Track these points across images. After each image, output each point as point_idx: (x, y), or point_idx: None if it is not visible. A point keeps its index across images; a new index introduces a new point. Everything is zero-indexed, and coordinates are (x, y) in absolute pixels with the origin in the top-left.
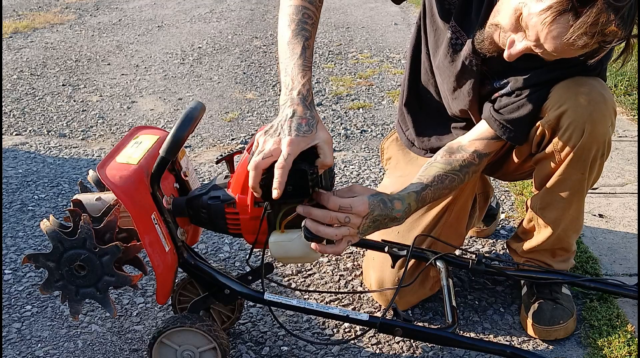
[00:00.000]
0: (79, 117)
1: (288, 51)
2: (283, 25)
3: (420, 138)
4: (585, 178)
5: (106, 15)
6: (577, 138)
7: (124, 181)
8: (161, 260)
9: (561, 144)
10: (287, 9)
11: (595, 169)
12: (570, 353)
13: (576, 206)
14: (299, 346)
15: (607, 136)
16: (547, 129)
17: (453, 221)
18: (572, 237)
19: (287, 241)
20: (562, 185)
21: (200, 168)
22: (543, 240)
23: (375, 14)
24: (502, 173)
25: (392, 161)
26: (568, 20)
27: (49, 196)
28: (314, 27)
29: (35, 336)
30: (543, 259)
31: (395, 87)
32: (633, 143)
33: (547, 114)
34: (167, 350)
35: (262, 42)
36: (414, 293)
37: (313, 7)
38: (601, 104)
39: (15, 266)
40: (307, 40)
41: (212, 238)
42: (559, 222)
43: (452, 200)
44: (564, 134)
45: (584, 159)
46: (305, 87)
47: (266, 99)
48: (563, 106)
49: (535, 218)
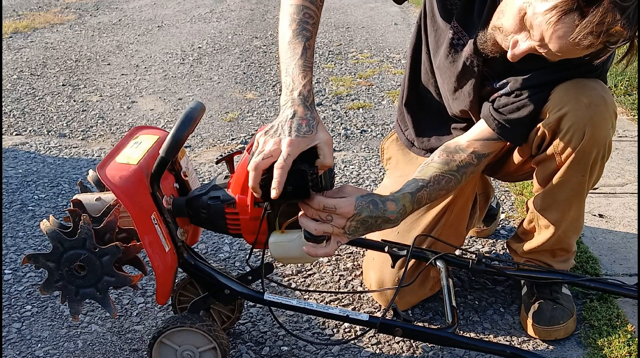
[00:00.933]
0: (79, 117)
1: (289, 51)
2: (284, 25)
3: (420, 138)
4: (586, 179)
5: (106, 15)
6: (577, 140)
7: (124, 181)
8: (161, 260)
9: (562, 147)
10: (288, 8)
11: (596, 171)
12: (570, 353)
13: (576, 208)
14: (299, 346)
15: (607, 138)
16: (548, 131)
17: (454, 221)
18: (572, 238)
19: (286, 242)
20: (562, 187)
21: (200, 168)
22: (543, 240)
23: (375, 14)
24: (503, 174)
25: (392, 161)
26: (574, 19)
27: (49, 196)
28: (314, 27)
29: (35, 336)
30: (543, 259)
31: (395, 87)
32: (633, 143)
33: (548, 116)
34: (167, 350)
35: (262, 42)
36: (414, 294)
37: (314, 6)
38: (602, 107)
39: (15, 266)
40: (308, 40)
41: (212, 238)
42: (560, 223)
43: (452, 200)
44: (564, 136)
45: (585, 161)
46: (306, 88)
47: (266, 99)
48: (564, 108)
49: (536, 219)
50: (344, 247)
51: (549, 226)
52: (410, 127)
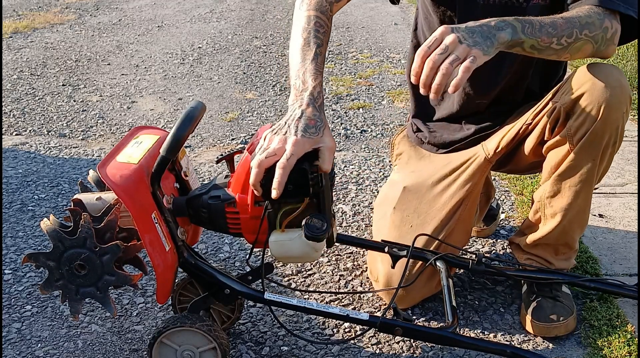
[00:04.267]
0: (79, 117)
1: (299, 57)
2: (295, 34)
3: (432, 134)
4: (596, 165)
5: (106, 15)
6: (591, 121)
7: (125, 180)
8: (161, 259)
9: (575, 128)
10: (299, 20)
11: (606, 159)
12: (570, 353)
13: (584, 197)
14: (299, 346)
15: (620, 122)
16: (563, 112)
17: (466, 216)
18: (576, 232)
19: (287, 241)
20: (572, 172)
21: (200, 168)
22: (549, 230)
23: (375, 14)
24: (512, 165)
25: (404, 157)
26: None
27: (49, 196)
28: (325, 36)
29: (35, 336)
30: (545, 256)
31: (395, 87)
32: (633, 142)
33: (563, 97)
34: (167, 350)
35: (262, 42)
36: (419, 291)
37: (324, 17)
38: (618, 90)
39: (15, 266)
40: (319, 47)
41: (212, 238)
42: (567, 212)
43: (466, 194)
44: (579, 117)
45: (597, 144)
46: (316, 90)
47: (266, 99)
48: (580, 89)
49: (543, 207)
50: (343, 247)
51: (556, 214)
52: (424, 131)
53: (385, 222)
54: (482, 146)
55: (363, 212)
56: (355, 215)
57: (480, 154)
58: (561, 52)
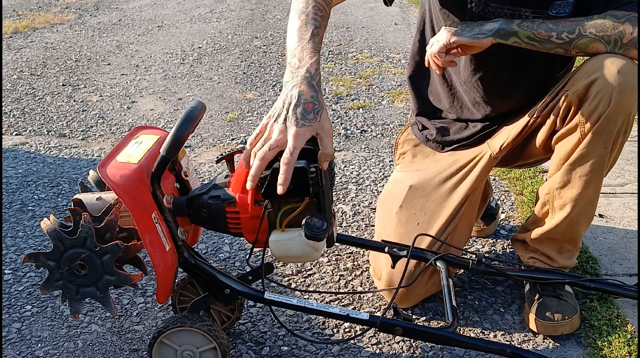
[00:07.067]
0: (79, 117)
1: (296, 37)
2: (293, 17)
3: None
4: (607, 153)
5: (106, 15)
6: (604, 107)
7: (125, 180)
8: (161, 259)
9: (587, 114)
10: (298, 4)
11: (617, 147)
12: (570, 353)
13: (594, 187)
14: (299, 346)
15: (632, 108)
16: (575, 100)
17: (470, 211)
18: (583, 226)
19: (287, 240)
20: (584, 160)
21: (200, 168)
22: (556, 223)
23: (375, 14)
24: (522, 158)
25: (408, 156)
26: None
27: (49, 196)
28: (324, 20)
29: (35, 336)
30: (549, 253)
31: (395, 87)
32: (633, 142)
33: (576, 84)
34: (167, 350)
35: (262, 42)
36: (420, 290)
37: (324, 2)
38: (631, 76)
39: (15, 266)
40: (317, 28)
41: (212, 238)
42: (576, 203)
43: (471, 191)
44: (591, 102)
45: (609, 130)
46: (313, 67)
47: (266, 99)
48: (593, 75)
49: (551, 199)
50: (343, 247)
51: (565, 205)
52: (430, 129)
53: (390, 220)
54: (488, 144)
55: (363, 212)
56: (355, 215)
57: (486, 152)
58: (566, 47)
